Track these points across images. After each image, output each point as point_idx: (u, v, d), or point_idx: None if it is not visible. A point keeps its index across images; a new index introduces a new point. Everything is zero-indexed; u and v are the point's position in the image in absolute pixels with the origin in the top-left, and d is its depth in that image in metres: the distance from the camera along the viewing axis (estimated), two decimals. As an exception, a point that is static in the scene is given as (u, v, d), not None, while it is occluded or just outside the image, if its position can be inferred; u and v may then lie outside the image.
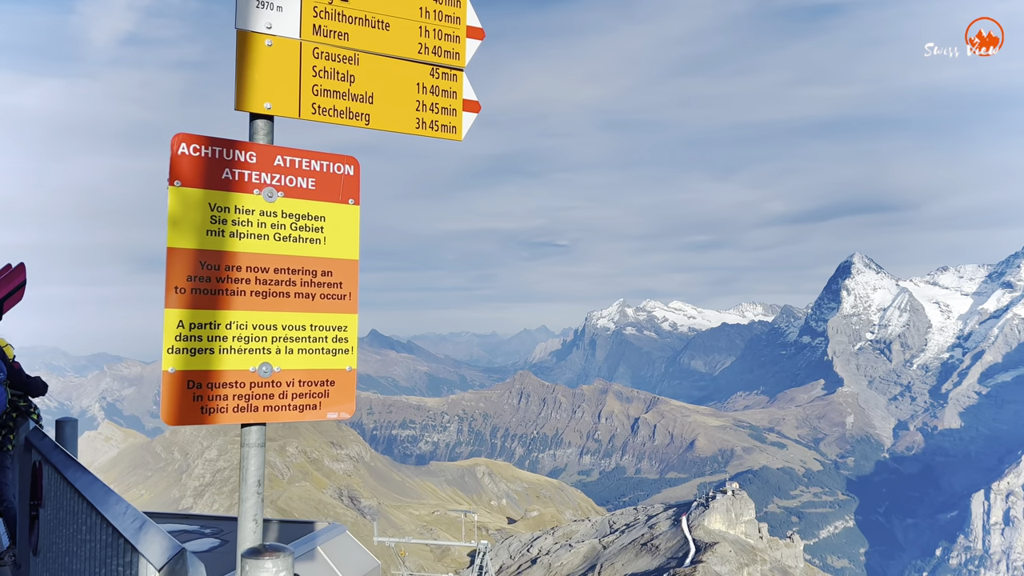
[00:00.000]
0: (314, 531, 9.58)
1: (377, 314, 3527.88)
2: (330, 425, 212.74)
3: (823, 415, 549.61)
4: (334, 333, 4.95)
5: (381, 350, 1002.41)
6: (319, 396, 4.90)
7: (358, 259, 5.10)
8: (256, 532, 4.42)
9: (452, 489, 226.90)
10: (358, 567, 9.42)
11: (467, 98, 5.83)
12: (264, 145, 4.89)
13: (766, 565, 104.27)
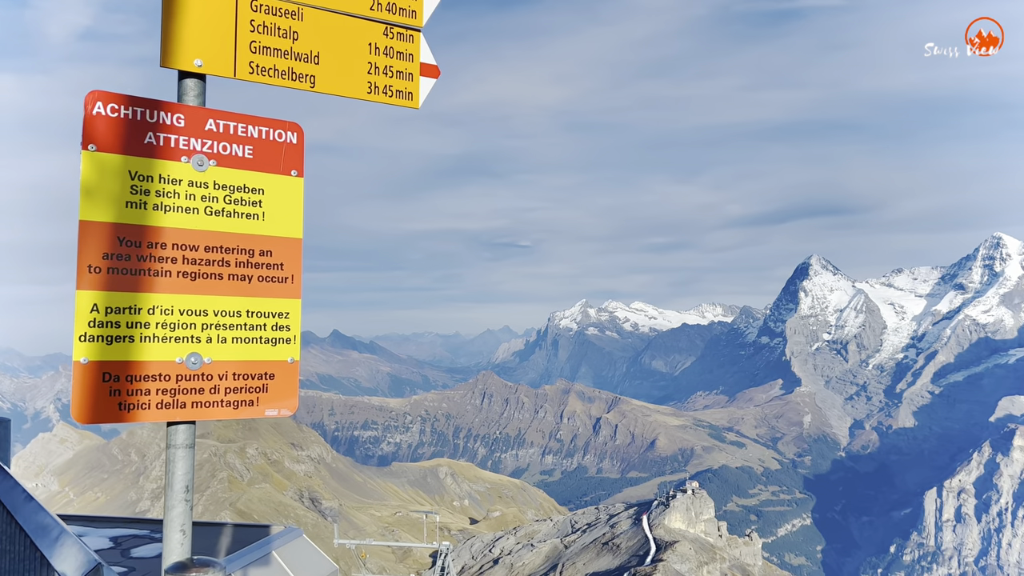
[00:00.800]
0: (269, 535, 9.35)
1: (339, 314, 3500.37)
2: (291, 426, 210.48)
3: (781, 415, 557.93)
4: (274, 320, 4.42)
5: (343, 351, 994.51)
6: (256, 391, 4.38)
7: (302, 237, 4.55)
8: (184, 544, 4.00)
9: (414, 490, 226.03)
10: (315, 571, 9.25)
11: (425, 61, 5.31)
12: (194, 107, 4.34)
13: (725, 563, 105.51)
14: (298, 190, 4.58)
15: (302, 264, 4.55)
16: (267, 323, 4.40)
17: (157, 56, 4.30)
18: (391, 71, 5.16)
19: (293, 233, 4.51)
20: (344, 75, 4.94)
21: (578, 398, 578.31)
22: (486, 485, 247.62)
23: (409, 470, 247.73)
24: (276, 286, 4.43)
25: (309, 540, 9.86)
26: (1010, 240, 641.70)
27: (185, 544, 3.99)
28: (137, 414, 4.02)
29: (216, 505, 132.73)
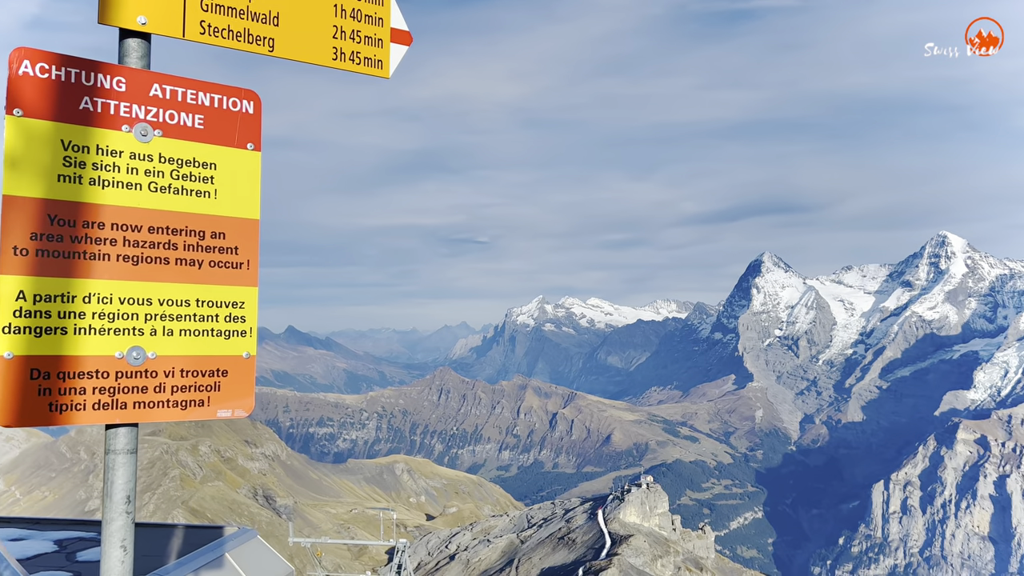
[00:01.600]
0: (222, 536, 9.14)
1: (294, 310, 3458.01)
2: (244, 424, 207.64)
3: (734, 409, 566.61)
4: (228, 311, 3.94)
5: (298, 347, 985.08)
6: (208, 389, 3.94)
7: (259, 219, 4.06)
8: (124, 563, 3.54)
9: (370, 487, 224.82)
10: (269, 573, 9.11)
11: (396, 27, 4.86)
12: (137, 70, 3.83)
13: (679, 557, 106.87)
14: (255, 165, 4.09)
15: (259, 248, 4.08)
16: (219, 314, 3.93)
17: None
18: (359, 36, 4.69)
19: (249, 213, 4.02)
20: (307, 39, 4.47)
21: (535, 394, 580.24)
22: (443, 481, 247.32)
23: (365, 467, 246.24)
24: (230, 272, 3.94)
25: (263, 541, 9.71)
26: (955, 239, 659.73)
27: (126, 563, 3.55)
28: (71, 416, 3.57)
29: (168, 504, 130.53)
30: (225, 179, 3.97)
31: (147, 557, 8.49)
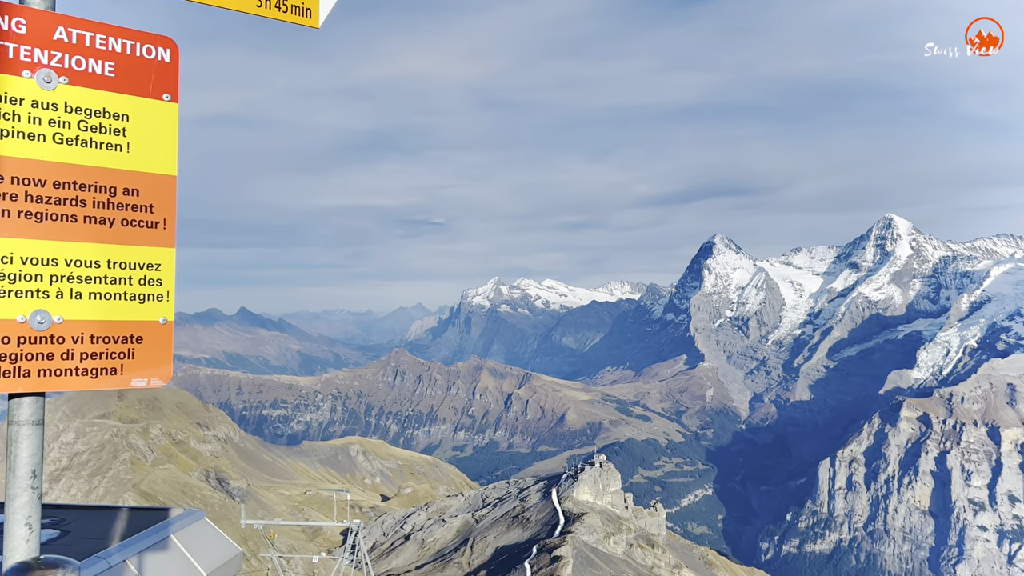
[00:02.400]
0: (168, 519, 9.15)
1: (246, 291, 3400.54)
2: (196, 406, 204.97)
3: (685, 389, 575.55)
4: (142, 273, 3.67)
5: (251, 328, 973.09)
6: (120, 356, 3.66)
7: (176, 175, 3.79)
8: (30, 541, 3.33)
9: (325, 468, 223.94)
10: (217, 556, 9.15)
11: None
12: (40, 10, 3.52)
13: (631, 534, 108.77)
14: (171, 118, 3.80)
15: (176, 207, 3.78)
16: (133, 276, 3.64)
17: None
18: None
19: (165, 169, 3.74)
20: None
21: (490, 374, 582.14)
22: (398, 462, 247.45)
23: (320, 449, 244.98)
24: (144, 232, 3.67)
25: (210, 523, 9.80)
26: (901, 221, 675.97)
27: (32, 541, 3.33)
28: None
29: (119, 487, 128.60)
30: (139, 132, 3.69)
31: (89, 540, 8.40)
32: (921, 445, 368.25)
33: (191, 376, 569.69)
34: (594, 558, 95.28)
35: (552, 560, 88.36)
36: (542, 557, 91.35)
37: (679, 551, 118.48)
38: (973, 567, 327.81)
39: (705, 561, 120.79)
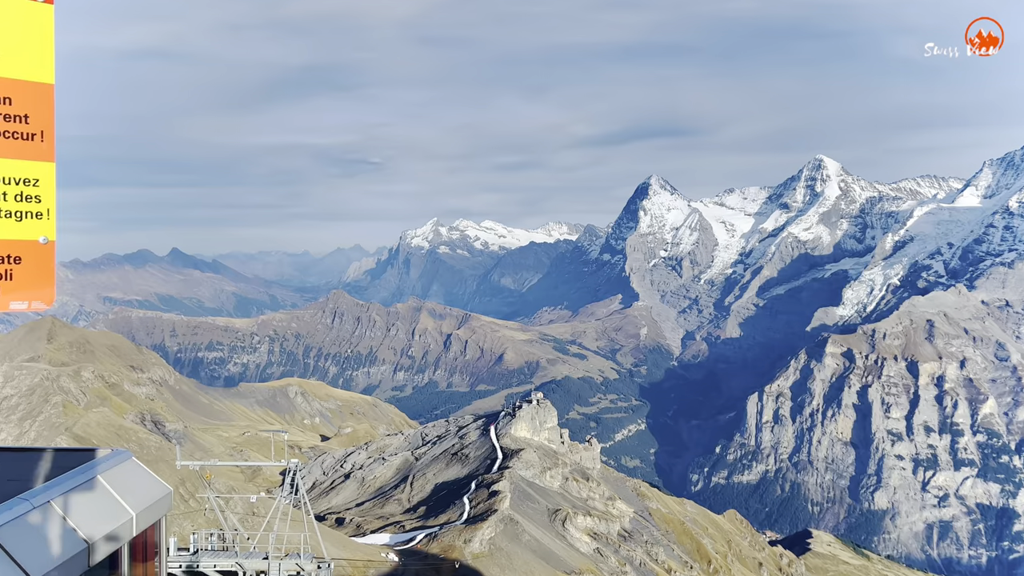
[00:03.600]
0: (95, 459, 9.13)
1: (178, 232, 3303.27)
2: (129, 348, 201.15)
3: (620, 327, 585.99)
4: (18, 189, 3.43)
5: (184, 270, 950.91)
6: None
7: (53, 84, 3.45)
8: None
9: (263, 410, 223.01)
10: (146, 495, 9.23)
11: None
12: None
13: (567, 468, 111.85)
14: (46, 20, 3.46)
15: (55, 119, 3.45)
16: (8, 192, 3.42)
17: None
18: None
19: (41, 77, 3.45)
20: None
21: (429, 315, 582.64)
22: (337, 403, 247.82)
23: (257, 390, 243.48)
24: (19, 144, 3.43)
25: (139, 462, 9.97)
26: (830, 162, 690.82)
27: None
28: None
29: (51, 431, 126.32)
30: (9, 34, 3.37)
31: (12, 482, 8.39)
32: (844, 379, 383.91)
33: (123, 318, 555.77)
34: (531, 492, 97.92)
35: (490, 495, 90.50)
36: (481, 492, 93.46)
37: (613, 484, 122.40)
38: (890, 494, 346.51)
39: (638, 493, 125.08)
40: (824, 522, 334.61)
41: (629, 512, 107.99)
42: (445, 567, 71.18)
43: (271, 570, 23.24)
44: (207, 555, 23.24)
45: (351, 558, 63.53)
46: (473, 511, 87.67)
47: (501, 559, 75.34)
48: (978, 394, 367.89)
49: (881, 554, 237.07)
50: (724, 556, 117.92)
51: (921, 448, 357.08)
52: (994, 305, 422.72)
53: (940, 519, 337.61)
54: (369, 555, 68.82)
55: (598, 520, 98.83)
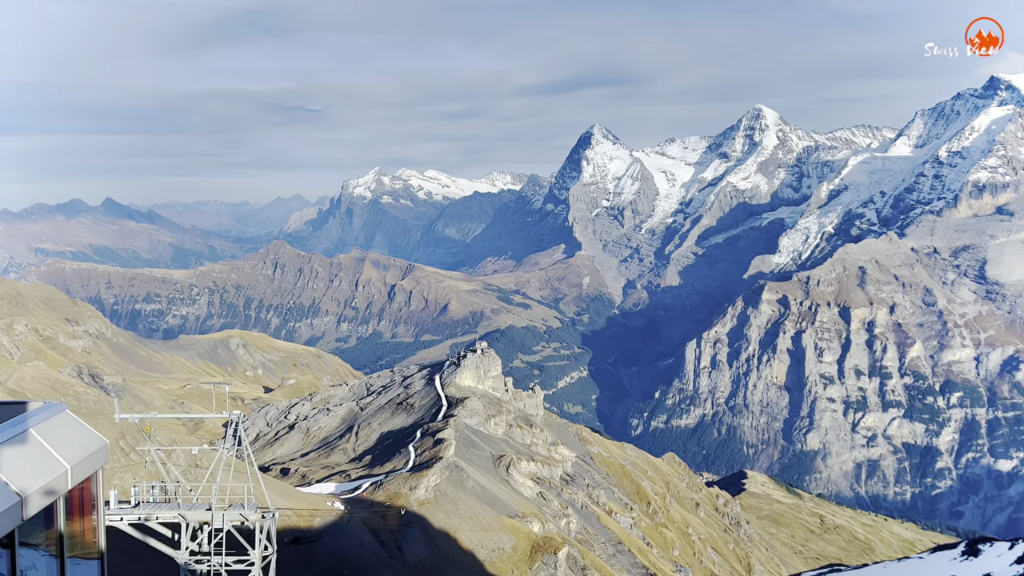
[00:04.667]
0: (26, 412, 8.89)
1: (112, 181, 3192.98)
2: (63, 301, 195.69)
3: (563, 277, 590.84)
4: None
5: (118, 220, 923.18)
6: None
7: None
8: None
9: (204, 362, 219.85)
10: (80, 448, 9.09)
11: None
12: None
13: (510, 415, 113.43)
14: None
15: None
16: None
17: None
18: None
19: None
20: None
21: (373, 266, 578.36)
22: (280, 354, 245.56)
23: (198, 343, 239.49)
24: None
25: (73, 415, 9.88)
26: (769, 112, 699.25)
27: None
28: None
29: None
30: None
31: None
32: (779, 325, 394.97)
33: (56, 270, 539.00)
34: (475, 439, 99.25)
35: (436, 443, 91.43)
36: (426, 440, 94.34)
37: (556, 430, 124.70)
38: (821, 435, 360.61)
39: (580, 438, 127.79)
40: (759, 463, 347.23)
41: (571, 457, 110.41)
42: (391, 514, 72.10)
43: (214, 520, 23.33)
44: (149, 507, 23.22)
45: (296, 507, 63.88)
46: (418, 459, 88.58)
47: (446, 505, 76.58)
48: (906, 338, 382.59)
49: (812, 492, 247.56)
50: (663, 497, 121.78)
51: (851, 391, 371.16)
52: (923, 252, 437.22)
53: (868, 458, 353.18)
54: (314, 504, 69.25)
55: (541, 465, 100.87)
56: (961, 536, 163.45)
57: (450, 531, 72.90)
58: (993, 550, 40.17)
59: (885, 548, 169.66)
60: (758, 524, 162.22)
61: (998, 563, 37.58)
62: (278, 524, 26.25)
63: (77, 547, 9.35)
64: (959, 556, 41.60)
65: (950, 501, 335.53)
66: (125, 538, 22.58)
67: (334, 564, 58.19)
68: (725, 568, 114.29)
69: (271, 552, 24.16)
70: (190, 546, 23.46)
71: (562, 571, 74.22)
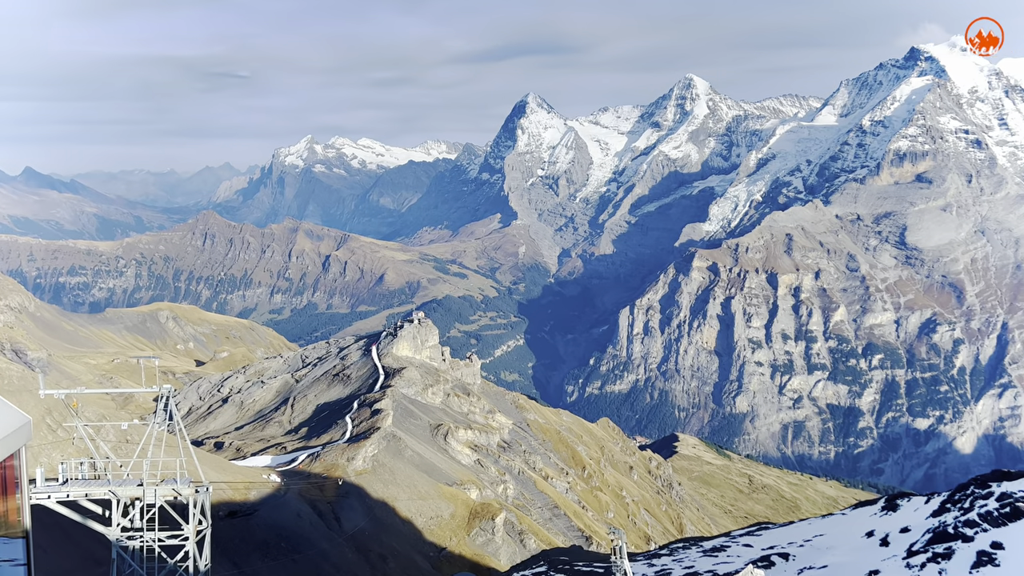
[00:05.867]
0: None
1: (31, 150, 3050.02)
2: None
3: (499, 246, 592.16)
4: None
5: (39, 190, 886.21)
6: None
7: None
8: None
9: (133, 336, 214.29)
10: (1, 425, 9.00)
11: None
12: None
13: (448, 384, 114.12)
14: None
15: None
16: None
17: None
18: None
19: None
20: None
21: (307, 236, 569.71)
22: (212, 327, 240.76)
23: (126, 316, 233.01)
24: None
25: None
26: (699, 81, 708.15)
27: None
28: None
29: None
30: None
31: None
32: (710, 292, 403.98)
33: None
34: (413, 409, 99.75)
35: (373, 413, 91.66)
36: (363, 411, 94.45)
37: (493, 398, 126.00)
38: (750, 398, 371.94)
39: (516, 405, 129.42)
40: (690, 426, 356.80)
41: (508, 424, 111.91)
42: (328, 485, 72.28)
43: (146, 496, 23.22)
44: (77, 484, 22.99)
45: (231, 480, 63.53)
46: (356, 430, 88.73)
47: (384, 475, 77.10)
48: (830, 303, 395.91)
49: (741, 454, 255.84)
50: (597, 462, 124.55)
51: (779, 354, 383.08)
52: (847, 219, 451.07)
53: (794, 419, 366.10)
54: (250, 477, 68.94)
55: (478, 433, 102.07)
56: (881, 492, 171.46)
57: (388, 500, 73.49)
58: (911, 504, 42.12)
59: (810, 506, 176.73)
60: (689, 485, 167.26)
61: (915, 516, 39.46)
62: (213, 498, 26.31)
63: (1, 527, 9.12)
64: (879, 511, 43.45)
65: (871, 459, 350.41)
66: (54, 516, 22.43)
67: (271, 536, 58.26)
68: (658, 529, 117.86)
69: (205, 526, 24.13)
70: (121, 523, 23.33)
71: (500, 536, 75.69)
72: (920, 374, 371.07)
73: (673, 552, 51.62)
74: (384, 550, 66.48)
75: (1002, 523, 33.28)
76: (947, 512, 37.11)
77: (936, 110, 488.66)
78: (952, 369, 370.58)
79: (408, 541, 70.53)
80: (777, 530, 50.52)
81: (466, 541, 74.10)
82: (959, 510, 36.26)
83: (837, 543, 41.25)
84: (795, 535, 45.73)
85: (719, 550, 47.63)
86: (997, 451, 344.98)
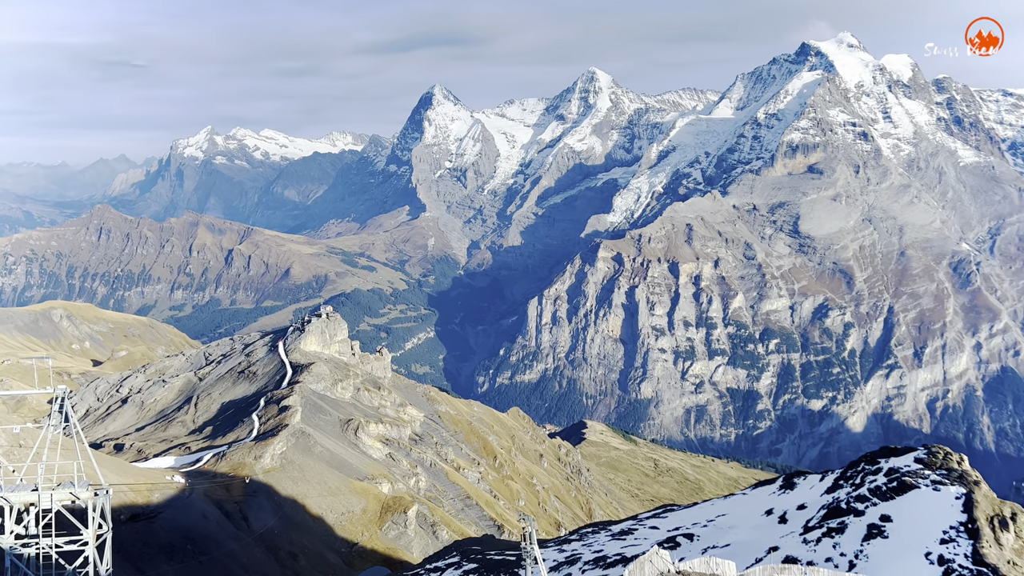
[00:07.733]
0: None
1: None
2: None
3: (408, 239, 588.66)
4: None
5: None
6: None
7: None
8: None
9: (24, 336, 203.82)
10: None
11: None
12: None
13: (358, 379, 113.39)
14: None
15: None
16: None
17: None
18: None
19: None
20: None
21: (208, 230, 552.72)
22: (109, 325, 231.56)
23: (16, 315, 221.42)
24: None
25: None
26: (602, 75, 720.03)
27: None
28: None
29: None
30: None
31: None
32: (614, 281, 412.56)
33: None
34: (323, 404, 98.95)
35: (281, 410, 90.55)
36: (270, 408, 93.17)
37: (404, 391, 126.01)
38: (654, 384, 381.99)
39: (428, 398, 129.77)
40: (598, 413, 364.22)
41: (420, 417, 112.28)
42: (235, 484, 71.24)
43: (41, 501, 22.82)
44: (-29, 491, 22.40)
45: (133, 483, 61.93)
46: (263, 427, 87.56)
47: (293, 472, 76.49)
48: (729, 290, 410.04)
49: (647, 438, 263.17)
50: (508, 451, 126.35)
51: (681, 341, 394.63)
52: (744, 209, 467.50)
53: (696, 404, 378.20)
54: (153, 479, 67.30)
55: (390, 426, 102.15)
56: (779, 471, 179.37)
57: (298, 498, 72.97)
58: (807, 482, 43.93)
59: (713, 487, 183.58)
60: (598, 471, 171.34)
61: (811, 494, 41.32)
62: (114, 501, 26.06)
63: None
64: (777, 490, 45.20)
65: (769, 440, 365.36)
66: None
67: (176, 539, 57.19)
68: (568, 515, 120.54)
69: (106, 530, 23.85)
70: (15, 530, 22.88)
71: (412, 529, 76.21)
72: (814, 357, 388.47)
73: (583, 537, 53.10)
74: (294, 548, 66.14)
75: (890, 497, 35.27)
76: (840, 488, 38.96)
77: (826, 103, 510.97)
78: (843, 352, 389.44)
79: (319, 538, 70.30)
80: (682, 512, 52.31)
81: (378, 535, 74.35)
82: (851, 486, 38.11)
83: (738, 522, 42.68)
84: (699, 516, 47.25)
85: (627, 533, 49.10)
86: (885, 428, 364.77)
